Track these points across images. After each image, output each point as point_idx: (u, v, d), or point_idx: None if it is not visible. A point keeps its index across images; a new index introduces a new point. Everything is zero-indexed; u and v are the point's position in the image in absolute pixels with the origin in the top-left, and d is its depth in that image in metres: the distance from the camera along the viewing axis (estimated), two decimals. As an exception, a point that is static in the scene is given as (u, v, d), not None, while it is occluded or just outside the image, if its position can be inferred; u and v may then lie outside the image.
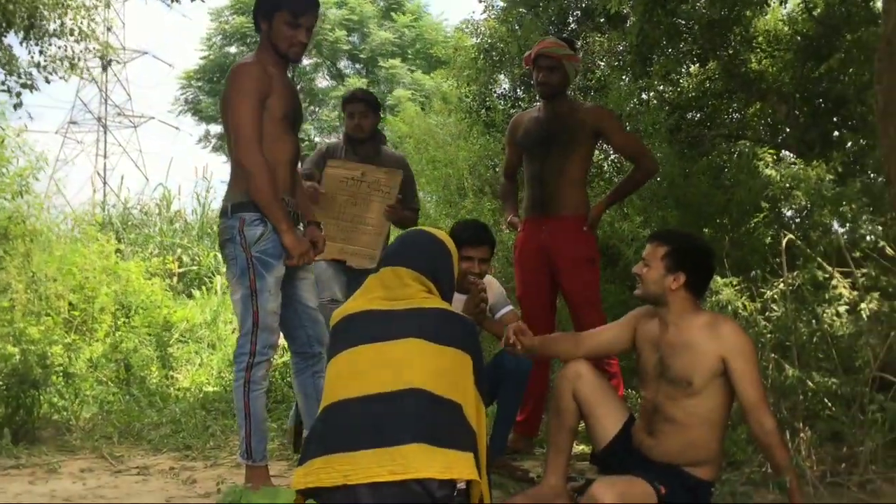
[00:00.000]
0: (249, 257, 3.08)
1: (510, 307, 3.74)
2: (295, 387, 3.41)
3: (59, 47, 8.01)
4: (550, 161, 4.04)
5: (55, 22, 7.85)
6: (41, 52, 7.82)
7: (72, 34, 8.05)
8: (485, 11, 8.34)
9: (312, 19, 3.21)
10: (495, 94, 7.84)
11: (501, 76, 8.02)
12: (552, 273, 4.02)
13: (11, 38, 7.52)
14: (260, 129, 3.08)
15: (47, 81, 7.95)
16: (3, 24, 7.17)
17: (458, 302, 3.58)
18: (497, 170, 7.17)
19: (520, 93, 7.74)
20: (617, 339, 2.99)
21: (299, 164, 3.53)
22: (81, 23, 8.12)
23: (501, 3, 8.21)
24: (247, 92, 3.07)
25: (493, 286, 3.71)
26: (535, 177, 4.13)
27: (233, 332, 7.38)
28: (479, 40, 8.04)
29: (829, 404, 3.11)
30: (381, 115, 4.55)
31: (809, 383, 3.11)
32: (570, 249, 3.96)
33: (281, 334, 3.31)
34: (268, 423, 3.20)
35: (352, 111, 4.29)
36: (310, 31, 3.21)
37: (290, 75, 3.49)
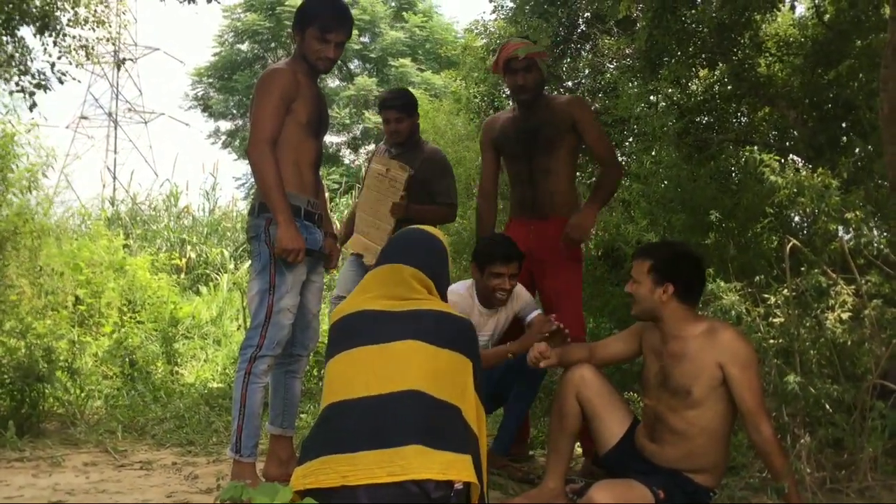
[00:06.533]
0: (273, 253, 3.14)
1: (538, 311, 3.71)
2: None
3: (74, 37, 8.06)
4: (535, 161, 3.87)
5: (69, 12, 7.90)
6: (55, 44, 7.87)
7: (86, 23, 8.11)
8: (494, 12, 8.34)
9: (342, 36, 3.31)
10: (504, 95, 7.83)
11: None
12: (532, 274, 3.88)
13: (24, 31, 7.56)
14: (275, 130, 3.16)
15: (61, 82, 7.99)
16: (16, 19, 7.21)
17: (485, 316, 3.57)
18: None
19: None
20: (626, 349, 3.02)
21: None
22: (95, 10, 8.18)
23: (511, 4, 8.21)
24: (271, 94, 3.16)
25: (521, 294, 3.69)
26: (521, 178, 3.97)
27: (238, 328, 7.41)
28: (488, 41, 8.04)
29: (831, 411, 3.10)
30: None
31: (811, 389, 3.10)
32: (556, 248, 3.78)
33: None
34: (261, 421, 3.23)
35: (386, 118, 4.27)
36: (339, 47, 3.32)
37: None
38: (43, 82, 7.70)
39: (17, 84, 7.47)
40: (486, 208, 4.14)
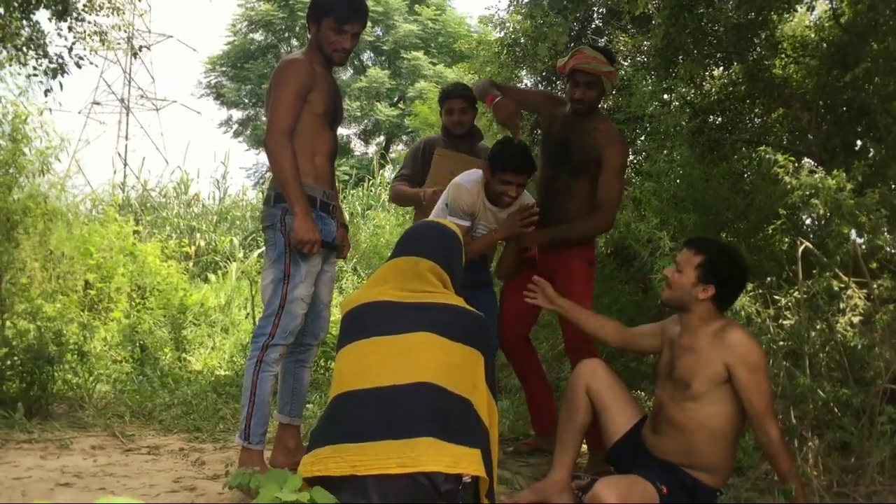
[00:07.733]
0: (288, 243, 3.16)
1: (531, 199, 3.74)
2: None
3: (90, 23, 8.07)
4: (560, 179, 3.82)
5: (85, -3, 7.91)
6: (70, 29, 7.88)
7: (101, 9, 8.12)
8: (510, 5, 8.29)
9: (358, 27, 3.32)
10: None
11: (524, 72, 7.97)
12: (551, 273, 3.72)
13: (39, 16, 7.56)
14: (293, 121, 3.17)
15: (78, 66, 7.97)
16: (33, 2, 7.21)
17: (489, 211, 3.64)
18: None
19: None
20: (649, 340, 3.02)
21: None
22: (111, -3, 8.20)
23: (526, -1, 8.16)
24: (289, 84, 3.18)
25: (526, 198, 3.71)
26: (544, 188, 3.92)
27: (246, 317, 7.42)
28: (502, 34, 7.99)
29: (839, 414, 3.09)
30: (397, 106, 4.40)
31: (820, 392, 3.10)
32: (565, 253, 3.75)
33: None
34: (269, 409, 3.25)
35: (451, 107, 4.26)
36: (355, 38, 3.33)
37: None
38: (61, 63, 7.69)
39: (34, 68, 7.46)
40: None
